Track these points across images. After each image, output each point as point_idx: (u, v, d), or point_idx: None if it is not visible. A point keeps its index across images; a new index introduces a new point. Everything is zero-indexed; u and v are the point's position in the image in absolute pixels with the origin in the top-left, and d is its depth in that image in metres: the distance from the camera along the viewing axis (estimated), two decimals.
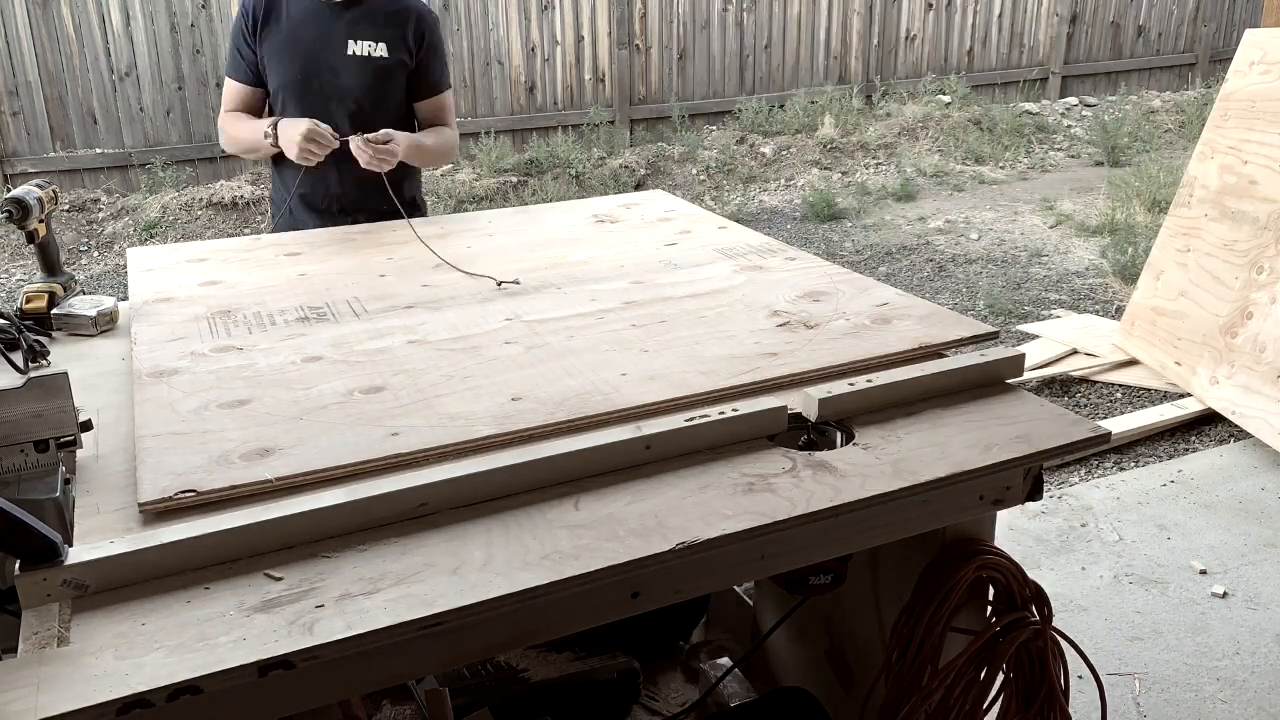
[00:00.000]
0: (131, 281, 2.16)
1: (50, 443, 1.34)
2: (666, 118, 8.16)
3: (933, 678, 1.55)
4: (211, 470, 1.35)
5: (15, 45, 6.46)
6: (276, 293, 2.05)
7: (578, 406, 1.53)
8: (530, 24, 7.68)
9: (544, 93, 7.86)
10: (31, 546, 1.12)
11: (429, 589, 1.15)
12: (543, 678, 1.91)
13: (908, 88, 8.94)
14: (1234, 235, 3.94)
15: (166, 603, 1.13)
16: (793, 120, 8.22)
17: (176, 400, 1.56)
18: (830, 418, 1.52)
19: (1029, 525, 3.23)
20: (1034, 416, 1.53)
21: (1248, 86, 4.03)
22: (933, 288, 5.42)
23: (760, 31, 8.43)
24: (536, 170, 7.23)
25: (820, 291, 1.99)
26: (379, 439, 1.43)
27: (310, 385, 1.61)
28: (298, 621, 1.09)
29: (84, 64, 6.66)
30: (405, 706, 1.90)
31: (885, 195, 7.23)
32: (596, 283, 2.08)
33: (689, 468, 1.40)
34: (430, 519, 1.28)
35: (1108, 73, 9.83)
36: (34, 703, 0.98)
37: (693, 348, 1.73)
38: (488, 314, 1.92)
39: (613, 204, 2.76)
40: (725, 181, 7.51)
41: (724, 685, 2.07)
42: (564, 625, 1.23)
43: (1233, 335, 3.85)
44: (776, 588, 1.62)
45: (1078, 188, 7.32)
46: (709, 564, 1.26)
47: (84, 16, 6.58)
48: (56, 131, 6.71)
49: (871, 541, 1.40)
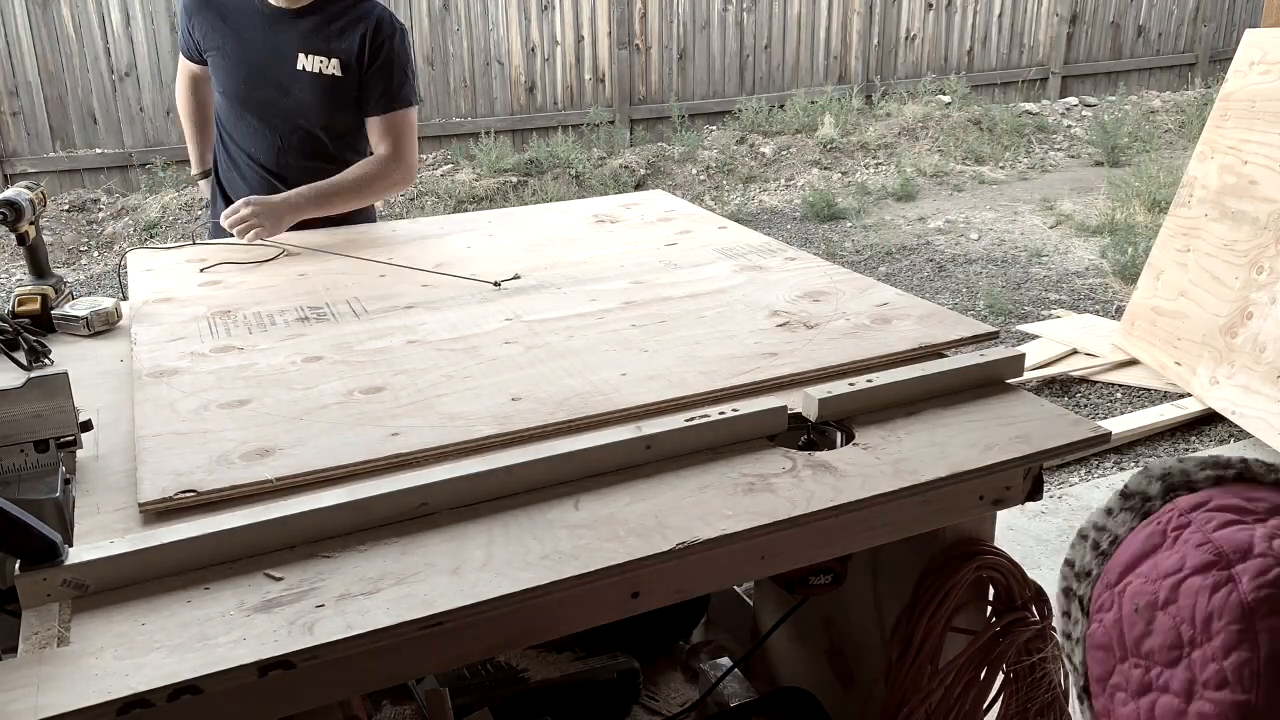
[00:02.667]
0: (131, 282, 2.16)
1: (50, 443, 1.34)
2: (666, 118, 8.16)
3: (933, 678, 1.55)
4: (212, 470, 1.35)
5: (15, 45, 6.46)
6: (276, 293, 2.05)
7: (578, 406, 1.53)
8: (530, 24, 7.68)
9: (544, 93, 7.86)
10: (31, 546, 1.12)
11: (429, 589, 1.15)
12: (543, 678, 1.91)
13: (908, 88, 8.94)
14: (1234, 235, 3.94)
15: (166, 603, 1.13)
16: (793, 120, 8.22)
17: (177, 400, 1.56)
18: (830, 418, 1.52)
19: (1029, 525, 3.22)
20: (1034, 416, 1.52)
21: (1248, 86, 4.03)
22: (933, 288, 5.42)
23: (760, 31, 8.43)
24: (536, 170, 7.23)
25: (820, 291, 1.99)
26: (379, 439, 1.43)
27: (310, 385, 1.61)
28: (298, 621, 1.09)
29: (84, 64, 6.66)
30: (405, 706, 1.90)
31: (885, 195, 7.23)
32: (596, 283, 2.08)
33: (689, 468, 1.40)
34: (430, 519, 1.28)
35: (1108, 73, 9.83)
36: (34, 703, 0.98)
37: (693, 348, 1.73)
38: (487, 314, 1.92)
39: (612, 204, 2.76)
40: (725, 181, 7.50)
41: (724, 685, 2.07)
42: (564, 625, 1.23)
43: (1233, 335, 3.85)
44: (776, 588, 1.62)
45: (1078, 188, 7.32)
46: (709, 564, 1.26)
47: (84, 16, 6.58)
48: (56, 131, 6.71)
49: (871, 541, 1.40)
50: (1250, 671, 0.65)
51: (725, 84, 8.43)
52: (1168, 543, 0.72)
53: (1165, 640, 0.70)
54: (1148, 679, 0.71)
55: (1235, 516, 0.71)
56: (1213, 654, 0.67)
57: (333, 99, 2.45)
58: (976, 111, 8.60)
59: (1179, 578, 0.70)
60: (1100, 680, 0.76)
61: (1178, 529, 0.73)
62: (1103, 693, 0.76)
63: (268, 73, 2.41)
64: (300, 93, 2.43)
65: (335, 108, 2.47)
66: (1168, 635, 0.70)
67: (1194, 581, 0.69)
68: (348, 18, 2.40)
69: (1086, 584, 0.78)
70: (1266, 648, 0.65)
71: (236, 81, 2.45)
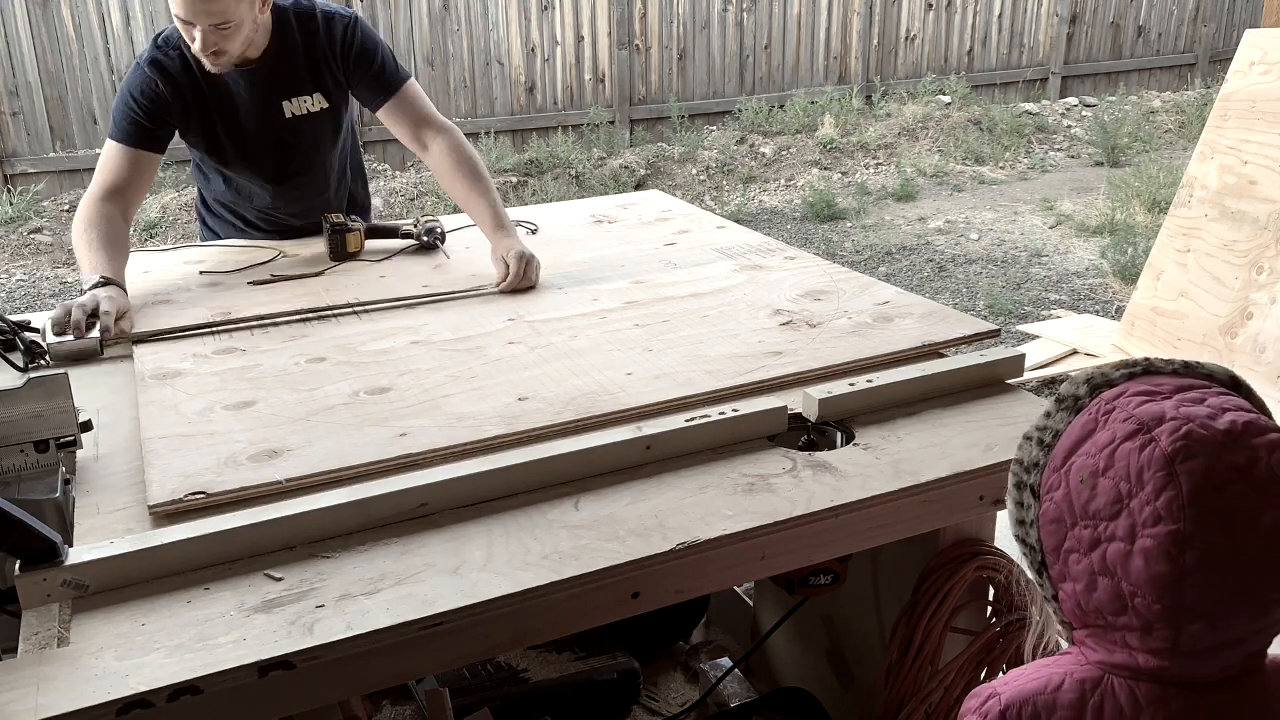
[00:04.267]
0: (130, 284, 2.15)
1: (50, 443, 1.35)
2: (666, 118, 8.16)
3: (933, 678, 1.55)
4: (220, 472, 1.35)
5: (15, 45, 6.46)
6: (276, 294, 2.05)
7: (585, 406, 1.53)
8: (530, 24, 7.68)
9: (544, 93, 7.86)
10: (31, 547, 1.12)
11: (429, 589, 1.15)
12: (543, 678, 1.91)
13: (908, 88, 8.94)
14: (1234, 235, 3.94)
15: (167, 603, 1.13)
16: (793, 120, 8.22)
17: (181, 402, 1.56)
18: (830, 418, 1.52)
19: None
20: (1034, 417, 1.52)
21: (1248, 86, 4.03)
22: (933, 288, 5.42)
23: (760, 31, 8.42)
24: (536, 170, 7.23)
25: (821, 290, 2.00)
26: (388, 440, 1.43)
27: (315, 386, 1.61)
28: (298, 622, 1.09)
29: (84, 64, 6.65)
30: (405, 706, 1.90)
31: (885, 195, 7.23)
32: (597, 283, 2.08)
33: (689, 468, 1.40)
34: (431, 519, 1.28)
35: (1108, 73, 9.83)
36: (34, 703, 0.98)
37: (697, 347, 1.73)
38: (489, 314, 1.92)
39: (610, 204, 2.76)
40: (725, 182, 7.50)
41: (724, 685, 2.07)
42: (564, 625, 1.23)
43: (1232, 335, 3.85)
44: (776, 588, 1.62)
45: (1077, 188, 7.31)
46: (709, 564, 1.26)
47: (84, 16, 6.58)
48: (56, 131, 6.71)
49: (871, 541, 1.40)
50: (1178, 505, 0.83)
51: (725, 84, 8.42)
52: (1100, 425, 0.90)
53: (1108, 498, 0.87)
54: (1096, 534, 0.88)
55: (1148, 397, 0.89)
56: (1146, 499, 0.84)
57: (331, 131, 2.36)
58: (976, 112, 8.60)
59: (1113, 447, 0.87)
60: (1055, 550, 0.92)
61: (1106, 413, 0.90)
62: (1058, 560, 0.92)
63: (263, 141, 2.26)
64: (301, 140, 2.30)
65: (334, 139, 2.38)
66: (1109, 494, 0.87)
67: (1125, 447, 0.87)
68: (304, 39, 2.21)
69: (1035, 473, 0.95)
70: (1187, 485, 0.83)
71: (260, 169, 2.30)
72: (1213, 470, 0.83)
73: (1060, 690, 0.92)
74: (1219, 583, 0.83)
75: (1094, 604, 0.89)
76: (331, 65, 2.25)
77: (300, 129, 2.28)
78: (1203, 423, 0.85)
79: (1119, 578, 0.86)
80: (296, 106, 2.25)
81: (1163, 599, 0.84)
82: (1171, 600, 0.84)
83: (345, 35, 2.24)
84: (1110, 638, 0.90)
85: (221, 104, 2.20)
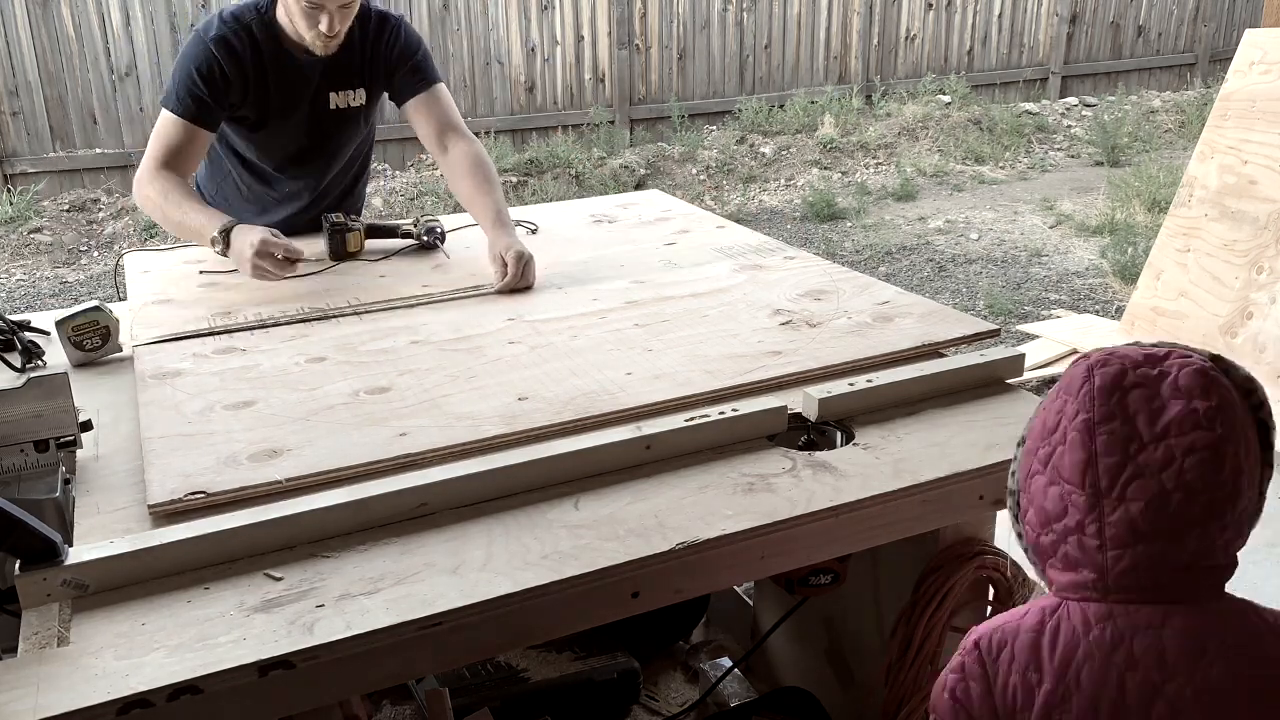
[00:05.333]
0: (129, 284, 2.16)
1: (50, 443, 1.35)
2: (666, 118, 8.16)
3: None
4: (220, 471, 1.35)
5: (15, 45, 6.45)
6: (276, 293, 2.05)
7: (585, 406, 1.53)
8: (530, 24, 7.68)
9: (544, 92, 7.85)
10: (31, 546, 1.12)
11: (429, 589, 1.15)
12: (543, 678, 1.91)
13: (908, 88, 8.93)
14: (1234, 235, 3.94)
15: (167, 603, 1.13)
16: (793, 120, 8.21)
17: (181, 402, 1.56)
18: (830, 418, 1.52)
19: None
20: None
21: (1248, 86, 4.03)
22: (933, 288, 5.42)
23: (760, 31, 8.42)
24: (536, 170, 7.22)
25: (821, 290, 1.99)
26: (388, 439, 1.43)
27: (315, 386, 1.61)
28: (298, 621, 1.09)
29: (84, 64, 6.65)
30: (405, 706, 1.90)
31: (885, 195, 7.22)
32: (597, 282, 2.08)
33: (689, 468, 1.40)
34: (430, 519, 1.28)
35: (1108, 73, 9.82)
36: (34, 703, 0.98)
37: (697, 346, 1.73)
38: (489, 314, 1.92)
39: (609, 204, 2.76)
40: (725, 181, 7.50)
41: (724, 685, 2.07)
42: (564, 625, 1.23)
43: (1233, 335, 3.85)
44: (776, 588, 1.62)
45: (1077, 188, 7.31)
46: (709, 564, 1.26)
47: (84, 16, 6.57)
48: (56, 131, 6.70)
49: (871, 541, 1.40)
50: (1089, 397, 1.00)
51: (725, 84, 8.42)
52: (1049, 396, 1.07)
53: (1054, 410, 1.04)
54: (1048, 447, 1.03)
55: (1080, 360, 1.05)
56: (1073, 400, 1.01)
57: (358, 129, 2.41)
58: (976, 111, 8.60)
59: (1055, 389, 1.05)
60: (1025, 481, 1.07)
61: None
62: (1028, 489, 1.06)
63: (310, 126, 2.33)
64: (337, 133, 2.37)
65: (356, 138, 2.44)
66: (1055, 408, 1.03)
67: (1062, 380, 1.05)
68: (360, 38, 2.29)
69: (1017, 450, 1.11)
70: (1099, 380, 1.00)
71: (291, 146, 2.35)
72: (1124, 374, 1.00)
73: (1024, 618, 1.04)
74: (1124, 464, 0.97)
75: (1049, 517, 1.02)
76: (376, 62, 2.33)
77: (338, 121, 2.36)
78: (1132, 348, 1.02)
79: (1060, 481, 1.01)
80: (341, 99, 2.33)
81: (1082, 484, 0.98)
82: (1090, 485, 0.98)
83: (392, 33, 2.33)
84: (1065, 560, 1.02)
85: (285, 87, 2.26)
